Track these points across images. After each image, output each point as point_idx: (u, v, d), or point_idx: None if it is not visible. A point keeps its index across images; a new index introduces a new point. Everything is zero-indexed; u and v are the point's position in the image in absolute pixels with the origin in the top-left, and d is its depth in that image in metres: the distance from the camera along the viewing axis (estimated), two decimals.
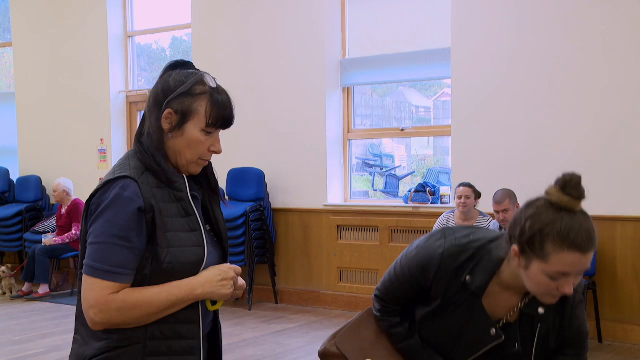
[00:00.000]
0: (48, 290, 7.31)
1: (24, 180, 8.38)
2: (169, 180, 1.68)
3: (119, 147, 8.08)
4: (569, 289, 1.65)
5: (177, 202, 1.69)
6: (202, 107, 1.68)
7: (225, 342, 1.91)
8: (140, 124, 1.76)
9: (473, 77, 5.80)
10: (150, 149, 1.69)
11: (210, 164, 1.80)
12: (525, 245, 1.66)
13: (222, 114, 1.70)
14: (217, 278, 1.67)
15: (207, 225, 1.77)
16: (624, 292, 5.25)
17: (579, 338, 1.84)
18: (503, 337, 1.79)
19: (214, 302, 1.73)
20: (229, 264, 1.75)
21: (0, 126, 9.09)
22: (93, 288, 1.59)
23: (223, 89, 1.73)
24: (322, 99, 6.56)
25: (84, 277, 1.61)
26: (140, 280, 1.63)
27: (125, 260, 1.59)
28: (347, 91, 6.73)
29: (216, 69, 7.37)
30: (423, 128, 6.90)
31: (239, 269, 1.75)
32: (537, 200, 1.74)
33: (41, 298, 7.20)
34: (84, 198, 7.47)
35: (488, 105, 5.75)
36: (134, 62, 8.21)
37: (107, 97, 8.00)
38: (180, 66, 1.74)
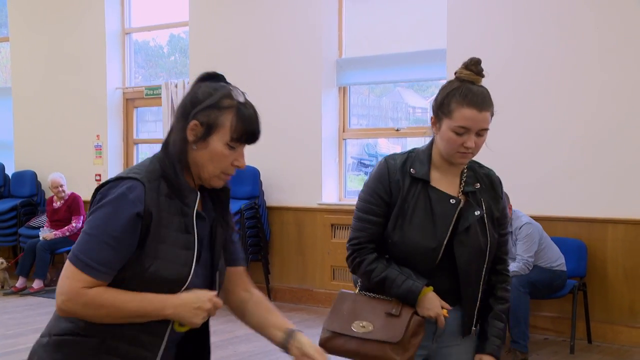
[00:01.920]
0: (42, 285, 7.32)
1: (19, 175, 8.38)
2: (180, 193, 1.68)
3: (114, 143, 8.09)
4: (470, 143, 2.02)
5: (182, 216, 1.68)
6: (227, 121, 1.68)
7: (217, 338, 1.95)
8: (169, 130, 1.75)
9: None
10: (172, 158, 1.69)
11: (226, 185, 1.80)
12: (437, 111, 2.07)
13: (247, 129, 1.70)
14: (193, 305, 1.65)
15: (208, 246, 1.75)
16: (614, 294, 5.30)
17: (505, 214, 2.20)
18: (462, 200, 2.08)
19: (181, 324, 1.70)
20: (213, 293, 1.71)
21: None
22: (69, 276, 1.61)
23: (251, 103, 1.73)
24: (318, 98, 6.59)
25: (67, 262, 1.63)
26: (119, 280, 1.64)
27: (108, 259, 1.60)
28: (343, 90, 6.76)
29: (213, 67, 7.34)
30: (418, 128, 6.93)
31: (220, 303, 1.71)
32: (448, 80, 2.11)
33: (35, 293, 7.21)
34: (80, 193, 7.49)
35: None
36: (131, 59, 8.23)
37: (104, 94, 8.01)
38: (212, 78, 1.74)
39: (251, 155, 8.42)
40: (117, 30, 8.12)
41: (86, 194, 7.62)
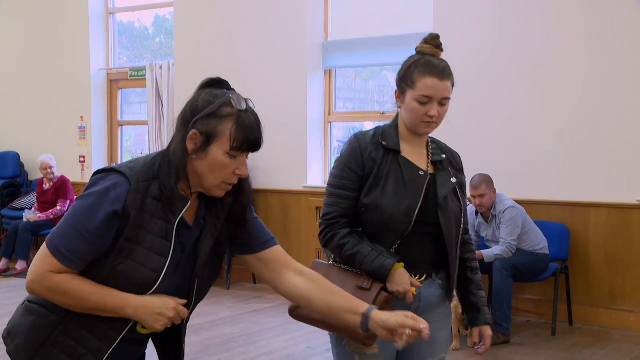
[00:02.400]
0: (25, 266, 7.28)
1: (1, 156, 8.31)
2: (168, 201, 1.64)
3: (98, 124, 8.03)
4: (434, 112, 2.09)
5: (165, 222, 1.65)
6: (227, 130, 1.63)
7: (202, 320, 1.97)
8: (172, 137, 1.70)
9: (454, 62, 5.75)
10: (170, 166, 1.65)
11: (246, 201, 1.79)
12: (401, 83, 2.15)
13: (247, 138, 1.66)
14: (156, 310, 1.64)
15: (188, 256, 1.72)
16: (595, 277, 5.37)
17: (464, 187, 2.29)
18: (431, 170, 2.18)
19: (144, 326, 1.69)
20: (181, 301, 1.69)
21: None
22: (41, 259, 1.63)
23: (253, 110, 1.69)
24: (303, 81, 6.57)
25: (44, 245, 1.65)
26: (89, 271, 1.64)
27: (80, 249, 1.61)
28: (329, 73, 6.74)
29: (198, 49, 7.33)
30: None
31: (185, 312, 1.69)
32: (410, 56, 2.19)
33: (19, 274, 7.18)
34: (64, 174, 7.44)
35: (468, 90, 5.79)
36: (115, 40, 8.14)
37: (88, 74, 7.93)
38: (215, 84, 1.70)
39: None
40: (101, 10, 8.03)
41: (71, 175, 7.57)
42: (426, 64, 2.10)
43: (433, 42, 2.17)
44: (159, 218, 1.64)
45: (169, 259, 1.65)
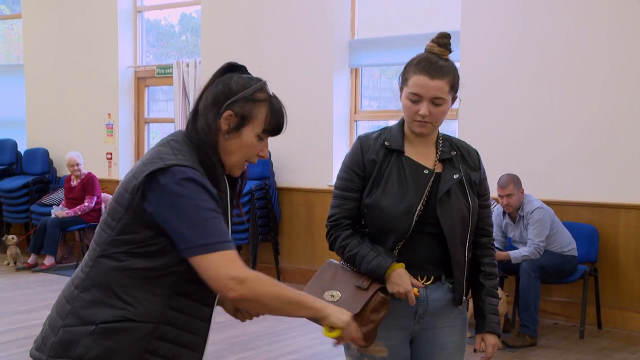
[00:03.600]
0: (54, 262, 7.38)
1: (31, 153, 8.42)
2: (216, 180, 1.71)
3: (126, 121, 8.10)
4: (423, 111, 2.04)
5: (219, 200, 1.71)
6: (261, 114, 1.75)
7: (227, 318, 1.95)
8: (192, 117, 1.76)
9: (481, 60, 5.78)
10: (207, 146, 1.71)
11: (246, 175, 1.87)
12: (401, 82, 2.11)
13: (278, 122, 1.78)
14: (347, 318, 1.74)
15: None
16: (625, 280, 5.28)
17: (486, 186, 2.23)
18: (438, 168, 2.11)
19: (331, 330, 1.76)
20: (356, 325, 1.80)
21: (9, 98, 9.12)
22: (220, 263, 1.59)
23: (278, 98, 1.80)
24: (329, 79, 6.55)
25: (199, 258, 1.59)
26: (173, 262, 1.64)
27: (225, 229, 1.64)
28: (355, 72, 6.72)
29: (224, 46, 7.36)
30: None
31: (360, 338, 1.84)
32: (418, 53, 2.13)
33: (47, 269, 7.27)
34: (91, 170, 7.51)
35: (494, 89, 5.74)
36: (142, 38, 8.20)
37: (116, 72, 8.01)
38: (237, 69, 1.79)
39: None
40: (129, 9, 8.09)
41: (98, 172, 7.65)
42: (420, 62, 2.06)
43: (438, 40, 2.11)
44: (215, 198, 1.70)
45: (229, 231, 1.74)
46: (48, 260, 7.34)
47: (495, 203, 5.26)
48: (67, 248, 7.83)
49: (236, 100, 1.72)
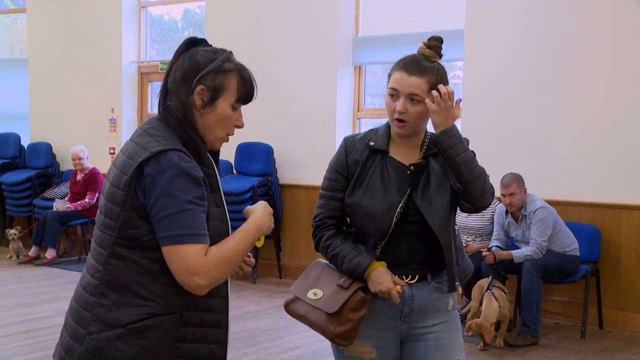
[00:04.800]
0: (55, 255, 7.39)
1: (34, 147, 8.43)
2: (200, 157, 1.71)
3: (129, 117, 8.10)
4: (400, 107, 2.05)
5: (206, 177, 1.71)
6: (232, 83, 1.74)
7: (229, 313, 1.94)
8: (162, 96, 1.76)
9: (484, 60, 5.77)
10: (184, 124, 1.71)
11: None
12: (387, 79, 2.12)
13: (249, 90, 1.78)
14: (267, 212, 1.77)
15: None
16: (627, 280, 5.27)
17: None
18: (421, 164, 2.10)
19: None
20: (261, 201, 1.84)
21: (13, 92, 9.13)
22: (186, 256, 1.60)
23: (245, 66, 1.79)
24: (333, 77, 6.55)
25: (170, 248, 1.61)
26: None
27: (203, 222, 1.64)
28: (359, 69, 6.71)
29: (228, 43, 7.30)
30: None
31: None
32: None
33: (49, 263, 7.28)
34: (94, 165, 7.52)
35: (497, 88, 5.73)
36: (146, 33, 8.20)
37: (119, 67, 8.01)
38: (199, 43, 1.78)
39: (265, 132, 8.44)
40: (133, 4, 8.09)
41: (101, 167, 7.66)
42: (404, 60, 2.08)
43: (429, 43, 2.12)
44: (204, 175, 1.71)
45: (224, 206, 1.77)
46: (49, 254, 7.36)
47: (498, 202, 5.26)
48: (69, 242, 7.85)
49: (206, 74, 1.71)
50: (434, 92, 2.03)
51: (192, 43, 1.77)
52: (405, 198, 2.06)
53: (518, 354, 4.63)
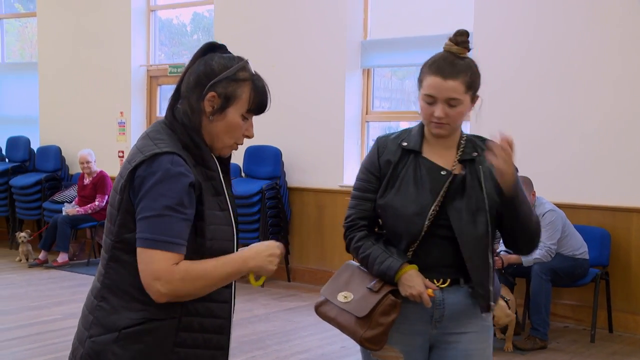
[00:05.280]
0: (67, 259, 7.42)
1: (44, 150, 8.47)
2: (203, 160, 1.70)
3: (138, 120, 8.13)
4: (438, 112, 1.98)
5: (209, 181, 1.70)
6: (245, 93, 1.71)
7: (236, 317, 1.95)
8: (173, 99, 1.75)
9: (493, 61, 5.75)
10: (188, 127, 1.70)
11: None
12: (417, 84, 2.07)
13: (262, 101, 1.75)
14: (266, 252, 1.71)
15: None
16: (637, 283, 5.24)
17: None
18: (457, 169, 2.05)
19: (257, 278, 1.76)
20: (274, 241, 1.78)
21: (22, 95, 9.18)
22: (154, 260, 1.59)
23: (261, 76, 1.77)
24: (341, 80, 6.55)
25: (142, 250, 1.60)
26: (187, 257, 1.63)
27: (181, 231, 1.61)
28: (367, 72, 6.71)
29: (237, 46, 7.32)
30: None
31: (283, 247, 1.78)
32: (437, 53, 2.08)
33: (59, 266, 7.31)
34: (102, 169, 7.55)
35: (506, 90, 5.72)
36: (155, 37, 8.24)
37: (128, 71, 8.04)
38: (217, 48, 1.77)
39: (273, 135, 8.43)
40: (143, 7, 8.13)
41: (109, 170, 7.69)
42: (434, 62, 2.02)
43: (455, 38, 2.04)
44: (204, 179, 1.69)
45: (230, 210, 1.74)
46: (61, 258, 7.38)
47: None
48: (78, 245, 7.88)
49: (219, 81, 1.69)
50: (495, 147, 1.98)
51: (211, 48, 1.76)
52: (439, 200, 2.01)
53: (527, 358, 4.61)
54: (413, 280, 1.98)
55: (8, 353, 4.54)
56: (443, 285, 2.04)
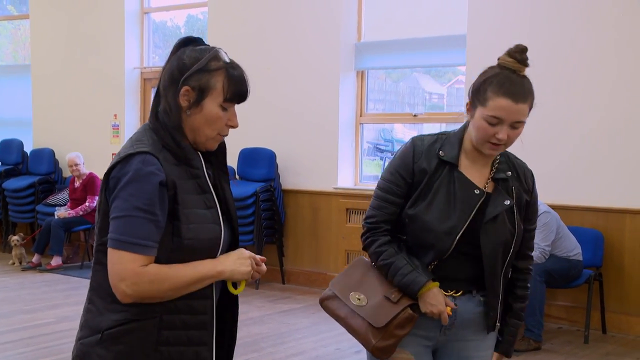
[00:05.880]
0: (60, 262, 7.40)
1: (37, 153, 8.45)
2: (185, 158, 1.69)
3: (132, 122, 8.12)
4: (502, 135, 1.92)
5: (193, 179, 1.70)
6: (219, 83, 1.68)
7: None
8: (155, 100, 1.76)
9: (487, 64, 5.76)
10: (168, 126, 1.69)
11: (223, 141, 1.81)
12: (473, 96, 1.98)
13: (238, 89, 1.71)
14: (235, 257, 1.71)
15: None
16: (630, 285, 5.26)
17: (535, 209, 2.17)
18: (485, 192, 2.01)
19: (236, 286, 1.76)
20: (242, 249, 1.78)
21: (15, 98, 9.15)
22: (121, 261, 1.60)
23: (237, 63, 1.74)
24: (335, 82, 6.56)
25: (111, 250, 1.61)
26: (164, 258, 1.64)
27: (149, 233, 1.61)
28: (361, 75, 6.72)
29: (231, 48, 7.31)
30: (435, 114, 6.89)
31: (263, 267, 1.78)
32: (489, 66, 2.03)
33: (52, 270, 7.28)
34: (96, 172, 7.54)
35: None
36: (149, 39, 8.23)
37: (122, 73, 8.03)
38: (191, 42, 1.74)
39: (268, 137, 8.43)
40: (136, 10, 8.12)
41: (103, 173, 7.66)
42: (502, 82, 1.93)
43: (517, 55, 1.99)
44: (187, 178, 1.68)
45: (218, 207, 1.72)
46: (55, 261, 7.35)
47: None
48: (72, 248, 7.85)
49: (191, 74, 1.67)
50: None
51: (184, 43, 1.74)
52: (469, 221, 1.98)
53: (521, 359, 4.62)
54: (436, 299, 1.98)
55: (1, 357, 4.52)
56: (456, 295, 2.05)
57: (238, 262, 1.70)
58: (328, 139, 6.59)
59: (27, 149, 8.61)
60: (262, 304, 5.97)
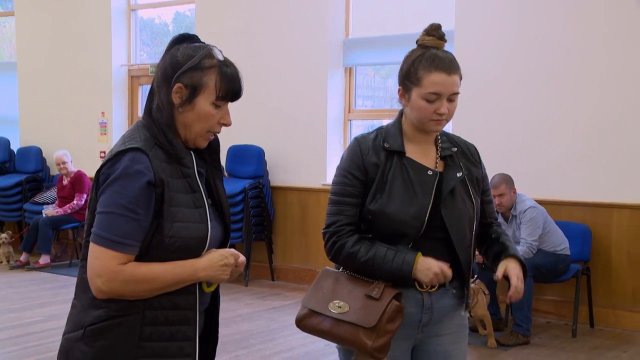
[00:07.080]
0: (49, 260, 7.36)
1: (24, 151, 8.39)
2: (177, 157, 1.69)
3: (119, 120, 8.08)
4: (443, 109, 1.97)
5: (184, 178, 1.70)
6: (211, 81, 1.69)
7: (220, 316, 1.94)
8: (149, 97, 1.76)
9: (476, 61, 5.78)
10: (160, 124, 1.69)
11: (217, 138, 1.81)
12: (404, 80, 2.01)
13: (231, 87, 1.71)
14: (219, 263, 1.70)
15: (209, 200, 1.78)
16: (617, 279, 5.30)
17: (486, 181, 2.19)
18: (439, 170, 2.04)
19: (209, 284, 1.76)
20: (232, 249, 1.76)
21: (2, 96, 9.09)
22: (100, 257, 1.61)
23: (230, 61, 1.74)
24: (324, 79, 6.55)
25: (91, 245, 1.63)
26: (144, 254, 1.64)
27: (131, 231, 1.61)
28: (349, 71, 6.72)
29: (218, 45, 7.28)
30: None
31: (239, 255, 1.76)
32: (411, 50, 2.05)
33: (40, 268, 7.25)
34: (84, 170, 7.50)
35: (489, 90, 5.75)
36: (136, 36, 8.19)
37: (109, 70, 7.99)
38: (187, 39, 1.74)
39: (256, 135, 8.41)
40: (123, 7, 8.07)
41: (90, 171, 7.60)
42: (431, 58, 1.96)
43: (435, 32, 2.02)
44: (177, 177, 1.69)
45: (207, 206, 1.72)
46: (43, 260, 7.32)
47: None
48: (60, 247, 7.81)
49: (184, 72, 1.67)
50: (514, 284, 2.10)
51: (179, 40, 1.74)
52: (432, 201, 1.99)
53: (510, 354, 4.65)
54: (427, 263, 1.95)
55: None
56: (432, 290, 2.03)
57: (220, 270, 1.70)
58: (316, 135, 6.59)
59: (14, 147, 8.55)
60: (251, 300, 5.97)
